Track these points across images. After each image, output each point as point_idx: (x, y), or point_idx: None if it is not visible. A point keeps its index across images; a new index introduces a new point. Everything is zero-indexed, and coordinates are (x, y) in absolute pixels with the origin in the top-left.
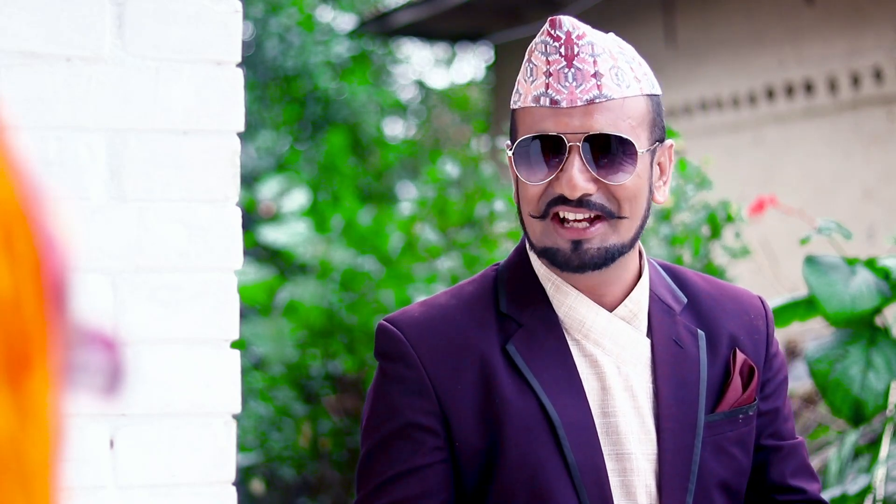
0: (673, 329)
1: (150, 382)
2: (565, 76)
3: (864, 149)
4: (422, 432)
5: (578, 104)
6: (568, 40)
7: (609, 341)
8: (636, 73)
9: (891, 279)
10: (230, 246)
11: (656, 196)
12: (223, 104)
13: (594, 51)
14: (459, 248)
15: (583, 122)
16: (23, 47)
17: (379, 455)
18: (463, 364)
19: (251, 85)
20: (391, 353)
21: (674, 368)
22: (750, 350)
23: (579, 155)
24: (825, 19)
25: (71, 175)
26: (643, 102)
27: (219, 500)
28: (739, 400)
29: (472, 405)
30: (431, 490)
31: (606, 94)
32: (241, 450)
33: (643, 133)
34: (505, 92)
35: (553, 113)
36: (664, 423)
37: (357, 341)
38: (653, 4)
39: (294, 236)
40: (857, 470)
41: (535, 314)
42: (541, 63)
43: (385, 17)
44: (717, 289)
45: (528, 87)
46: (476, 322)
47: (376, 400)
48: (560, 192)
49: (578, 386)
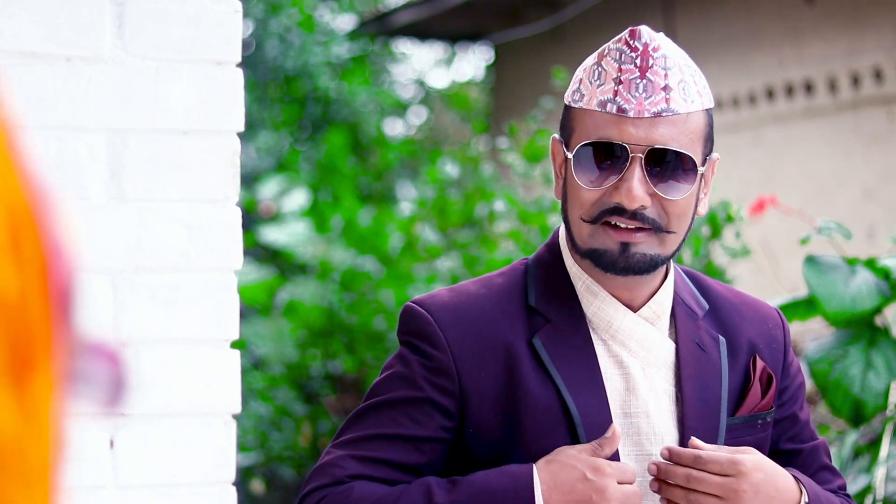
0: (696, 333)
1: (150, 382)
2: (636, 86)
3: (864, 149)
4: (434, 408)
5: (645, 115)
6: (644, 52)
7: (635, 343)
8: (699, 87)
9: (891, 279)
10: (230, 246)
11: (699, 208)
12: (223, 104)
13: (667, 64)
14: (459, 248)
15: (647, 133)
16: (23, 47)
17: (386, 410)
18: (489, 352)
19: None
20: (419, 332)
21: (697, 371)
22: (768, 358)
23: (640, 166)
24: (825, 19)
25: (71, 175)
26: (703, 117)
27: (219, 500)
28: (759, 406)
29: (494, 394)
30: (420, 464)
31: (673, 109)
32: (241, 450)
33: (699, 148)
34: (505, 92)
35: (618, 121)
36: (688, 423)
37: (357, 341)
38: (653, 4)
39: (294, 236)
40: (857, 470)
41: (564, 311)
42: (612, 69)
43: (385, 17)
44: (737, 297)
45: (594, 89)
46: (504, 313)
47: (395, 368)
48: (618, 201)
49: (601, 385)
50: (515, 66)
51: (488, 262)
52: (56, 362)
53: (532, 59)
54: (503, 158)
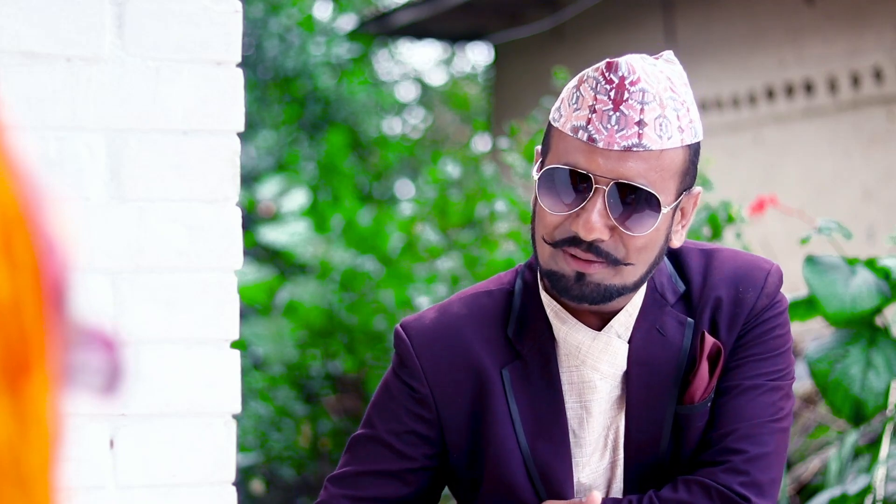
0: (658, 318)
1: (150, 382)
2: (609, 118)
3: (864, 149)
4: (417, 438)
5: (615, 148)
6: (620, 85)
7: (606, 364)
8: (681, 122)
9: (891, 279)
10: (230, 246)
11: (673, 241)
12: (223, 104)
13: (644, 98)
14: (460, 248)
15: (615, 166)
16: (23, 47)
17: (373, 445)
18: (464, 378)
19: (251, 85)
20: (400, 360)
21: (647, 355)
22: (725, 325)
23: (603, 198)
24: (825, 19)
25: (71, 175)
26: (681, 154)
27: (219, 500)
28: (709, 388)
29: (467, 419)
30: (406, 495)
31: (645, 145)
32: (241, 450)
33: (672, 185)
34: (505, 92)
35: (587, 149)
36: (631, 413)
37: (357, 341)
38: (653, 4)
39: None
40: (857, 470)
41: (535, 347)
42: (588, 97)
43: (385, 17)
44: (713, 263)
45: (570, 112)
46: (483, 339)
47: (384, 394)
48: (575, 230)
49: (562, 430)
50: (515, 66)
51: (489, 263)
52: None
53: (532, 59)
54: (504, 159)
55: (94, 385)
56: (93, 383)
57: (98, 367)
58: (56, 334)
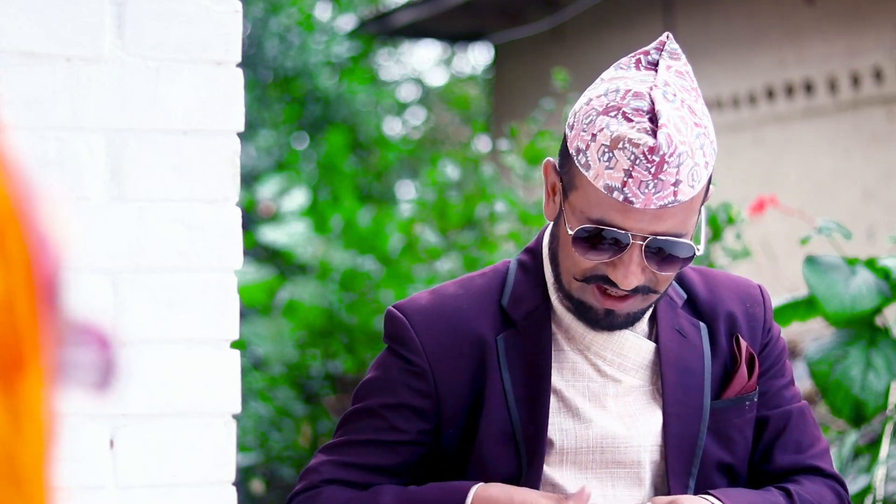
0: (676, 321)
1: (149, 382)
2: (646, 185)
3: (864, 149)
4: (411, 412)
5: (651, 207)
6: (661, 161)
7: (611, 352)
8: (706, 155)
9: (891, 279)
10: (230, 246)
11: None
12: (223, 104)
13: (680, 160)
14: (459, 249)
15: (651, 223)
16: (23, 47)
17: (366, 417)
18: (463, 351)
19: (251, 85)
20: (397, 336)
21: (678, 356)
22: (748, 338)
23: (640, 251)
24: (825, 19)
25: (71, 175)
26: (706, 184)
27: (219, 500)
28: (745, 387)
29: (467, 390)
30: (394, 464)
31: (680, 200)
32: (241, 450)
33: (698, 205)
34: (505, 92)
35: (623, 208)
36: (669, 409)
37: (357, 341)
38: (653, 4)
39: (294, 236)
40: (857, 470)
41: (530, 318)
42: (624, 162)
43: (385, 17)
44: (712, 281)
45: (602, 169)
46: (480, 310)
47: (377, 373)
48: (613, 277)
49: (545, 398)
50: (515, 66)
51: (488, 264)
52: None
53: (532, 59)
54: (503, 160)
55: (88, 382)
56: (87, 380)
57: (92, 363)
58: (49, 331)
